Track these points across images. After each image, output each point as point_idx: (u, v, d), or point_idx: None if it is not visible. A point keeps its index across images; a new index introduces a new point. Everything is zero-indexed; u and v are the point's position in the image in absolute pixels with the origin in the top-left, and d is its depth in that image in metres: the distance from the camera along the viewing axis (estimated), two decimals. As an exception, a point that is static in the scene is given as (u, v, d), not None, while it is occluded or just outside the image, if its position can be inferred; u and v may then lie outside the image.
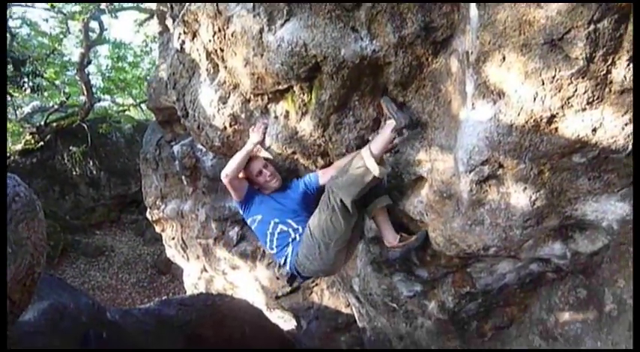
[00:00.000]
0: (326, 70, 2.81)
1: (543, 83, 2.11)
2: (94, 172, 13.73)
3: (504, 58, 2.18)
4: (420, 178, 3.12)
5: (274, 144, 3.43)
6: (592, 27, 1.91)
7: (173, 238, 7.10)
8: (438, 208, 2.96)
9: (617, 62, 1.97)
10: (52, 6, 11.69)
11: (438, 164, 2.83)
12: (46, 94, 14.44)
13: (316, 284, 5.82)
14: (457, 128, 2.62)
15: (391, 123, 2.90)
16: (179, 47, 3.75)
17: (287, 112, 3.25)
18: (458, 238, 2.94)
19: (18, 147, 13.08)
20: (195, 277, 7.36)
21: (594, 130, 2.17)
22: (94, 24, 12.55)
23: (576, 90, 2.07)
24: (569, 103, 2.12)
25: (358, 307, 4.87)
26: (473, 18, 2.28)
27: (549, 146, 2.29)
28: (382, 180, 3.11)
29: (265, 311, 6.01)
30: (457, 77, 2.59)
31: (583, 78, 2.03)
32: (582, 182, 2.44)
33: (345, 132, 3.14)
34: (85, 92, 12.78)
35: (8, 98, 12.03)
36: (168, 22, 4.56)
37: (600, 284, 2.92)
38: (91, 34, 12.61)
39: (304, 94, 3.05)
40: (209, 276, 7.01)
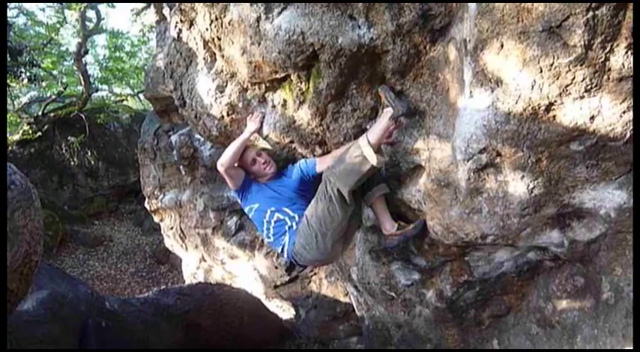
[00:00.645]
0: (323, 59, 2.79)
1: (541, 71, 2.10)
2: (92, 162, 13.74)
3: (502, 46, 2.17)
4: (418, 167, 3.12)
5: (272, 133, 3.42)
6: (590, 14, 1.90)
7: (171, 228, 7.09)
8: (436, 197, 2.96)
9: (615, 49, 1.96)
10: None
11: (436, 152, 2.83)
12: (44, 84, 14.45)
13: (315, 273, 5.82)
14: (455, 116, 2.61)
15: (389, 111, 2.87)
16: (176, 36, 3.73)
17: (284, 101, 3.24)
18: (456, 226, 2.94)
19: (16, 137, 13.08)
20: (193, 267, 7.37)
21: (592, 118, 2.16)
22: (91, 13, 12.52)
23: (574, 77, 2.06)
24: (567, 91, 2.11)
25: (356, 296, 4.89)
26: (471, 5, 2.27)
27: (547, 134, 2.28)
28: (380, 169, 3.10)
29: (264, 300, 6.02)
30: (455, 65, 2.58)
31: (581, 65, 2.02)
32: (580, 170, 2.44)
33: (343, 120, 3.12)
34: (83, 82, 12.79)
35: (5, 88, 11.99)
36: (165, 11, 4.52)
37: (597, 272, 2.93)
38: (88, 24, 12.57)
39: (302, 83, 3.03)
40: (208, 266, 7.01)
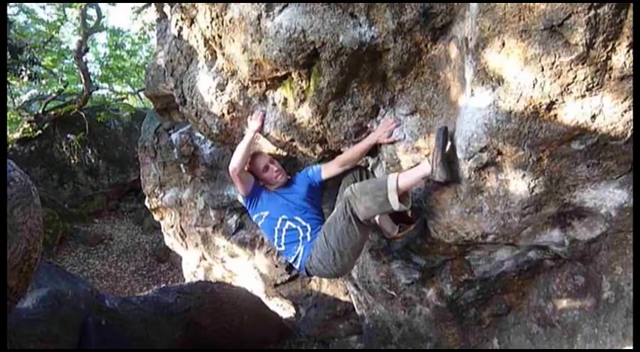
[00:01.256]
0: (324, 57, 2.78)
1: (543, 69, 2.09)
2: (93, 160, 13.73)
3: (504, 44, 2.16)
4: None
5: (272, 131, 3.42)
6: (592, 12, 1.90)
7: (172, 226, 7.08)
8: (437, 195, 2.96)
9: (617, 48, 1.96)
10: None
11: (437, 151, 2.82)
12: (44, 82, 14.43)
13: (315, 272, 5.81)
14: (456, 115, 2.61)
15: (427, 166, 2.74)
16: (177, 34, 3.73)
17: (285, 99, 3.24)
18: (456, 225, 2.94)
19: (16, 135, 13.06)
20: (194, 265, 7.36)
21: (593, 117, 2.15)
22: (92, 11, 12.51)
23: (576, 76, 2.05)
24: (568, 90, 2.10)
25: (357, 295, 4.88)
26: (472, 4, 2.27)
27: (548, 133, 2.28)
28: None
29: (264, 298, 6.01)
30: (456, 64, 2.58)
31: (583, 64, 2.01)
32: (581, 169, 2.44)
33: (344, 119, 3.12)
34: (83, 80, 12.77)
35: (5, 86, 11.98)
36: (165, 9, 4.51)
37: (598, 271, 2.93)
38: (89, 22, 12.55)
39: (302, 81, 3.03)
40: (208, 264, 7.01)
